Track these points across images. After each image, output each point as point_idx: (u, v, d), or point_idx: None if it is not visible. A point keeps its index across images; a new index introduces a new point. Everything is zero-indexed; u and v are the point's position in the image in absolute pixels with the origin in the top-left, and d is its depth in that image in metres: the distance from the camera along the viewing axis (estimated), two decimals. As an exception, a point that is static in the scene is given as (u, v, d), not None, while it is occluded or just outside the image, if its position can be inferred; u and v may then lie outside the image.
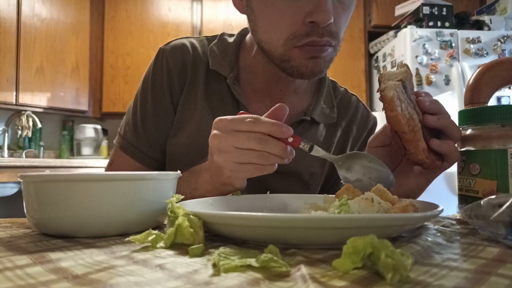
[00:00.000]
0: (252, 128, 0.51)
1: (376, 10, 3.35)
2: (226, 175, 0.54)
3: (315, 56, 0.65)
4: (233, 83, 0.75)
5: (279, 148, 0.51)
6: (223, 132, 0.52)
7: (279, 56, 0.67)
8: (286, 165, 0.76)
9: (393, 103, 0.49)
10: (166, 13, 3.23)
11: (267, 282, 0.25)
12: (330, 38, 0.65)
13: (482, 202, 0.38)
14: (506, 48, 2.84)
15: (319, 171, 0.81)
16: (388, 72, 0.55)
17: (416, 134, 0.51)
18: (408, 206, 0.41)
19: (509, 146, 0.47)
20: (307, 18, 0.62)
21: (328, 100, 0.83)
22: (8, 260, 0.29)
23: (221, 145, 0.52)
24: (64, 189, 0.38)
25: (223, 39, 0.81)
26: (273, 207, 0.53)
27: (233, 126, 0.52)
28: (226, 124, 0.52)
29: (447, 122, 0.53)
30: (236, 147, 0.51)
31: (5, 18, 2.49)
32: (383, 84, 0.52)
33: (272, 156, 0.51)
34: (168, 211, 0.38)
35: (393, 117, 0.50)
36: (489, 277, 0.25)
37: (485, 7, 3.28)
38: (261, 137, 0.51)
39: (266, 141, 0.51)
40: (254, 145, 0.50)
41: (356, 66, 3.35)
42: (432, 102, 0.54)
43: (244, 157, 0.52)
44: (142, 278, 0.25)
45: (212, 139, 0.54)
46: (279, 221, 0.32)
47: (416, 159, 0.52)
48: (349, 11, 0.70)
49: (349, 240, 0.27)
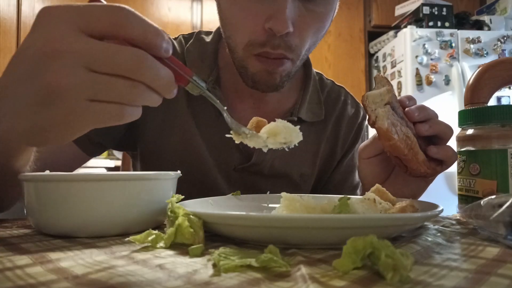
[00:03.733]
0: (118, 31, 0.31)
1: (376, 10, 3.35)
2: (57, 115, 0.31)
3: (269, 70, 0.61)
4: (213, 88, 0.69)
5: (165, 76, 0.33)
6: (64, 33, 0.30)
7: (239, 60, 0.63)
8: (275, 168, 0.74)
9: (389, 132, 0.48)
10: (166, 13, 3.23)
11: (267, 282, 0.25)
12: (285, 51, 0.58)
13: (482, 202, 0.38)
14: (506, 48, 2.84)
15: (309, 171, 0.78)
16: (371, 93, 0.51)
17: (414, 149, 0.51)
18: (408, 207, 0.41)
19: (509, 146, 0.47)
20: (266, 24, 0.56)
21: (315, 96, 0.79)
22: (8, 260, 0.29)
23: (62, 59, 0.30)
24: (64, 189, 0.38)
25: (200, 39, 0.76)
26: (273, 207, 0.53)
27: (85, 22, 0.31)
28: (70, 16, 0.31)
29: (439, 127, 0.54)
30: (91, 68, 0.31)
31: (5, 18, 2.49)
32: (370, 110, 0.49)
33: (148, 90, 0.33)
34: (168, 211, 0.38)
35: (391, 145, 0.49)
36: (489, 277, 0.25)
37: (485, 7, 3.28)
38: (135, 51, 0.31)
39: (146, 61, 0.32)
40: (127, 66, 0.31)
41: (356, 66, 3.35)
42: (419, 109, 0.54)
43: (104, 87, 0.31)
44: (142, 278, 0.25)
45: (42, 43, 0.30)
46: (279, 221, 0.32)
47: (419, 173, 0.52)
48: (322, 22, 0.61)
49: (349, 240, 0.27)
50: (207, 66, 0.72)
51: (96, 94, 0.31)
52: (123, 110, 0.33)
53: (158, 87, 0.33)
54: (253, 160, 0.71)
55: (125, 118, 0.33)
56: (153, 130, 0.71)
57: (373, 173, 0.60)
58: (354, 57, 3.35)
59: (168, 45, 0.33)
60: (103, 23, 0.31)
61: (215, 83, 0.71)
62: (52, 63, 0.30)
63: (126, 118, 0.33)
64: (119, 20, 0.31)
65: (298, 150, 0.75)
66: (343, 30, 3.34)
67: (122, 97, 0.32)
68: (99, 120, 0.33)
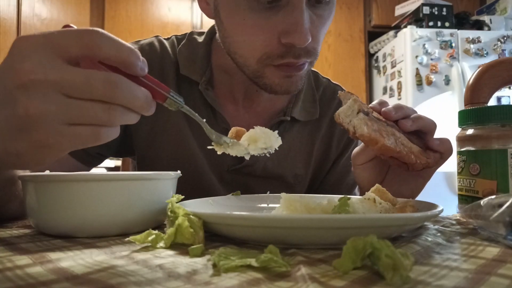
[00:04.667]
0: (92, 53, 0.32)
1: (376, 10, 3.35)
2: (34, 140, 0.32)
3: (291, 75, 0.61)
4: (205, 89, 0.69)
5: (141, 96, 0.34)
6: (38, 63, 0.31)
7: (252, 72, 0.62)
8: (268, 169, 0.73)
9: (372, 136, 0.48)
10: (166, 13, 3.23)
11: (267, 282, 0.25)
12: (307, 57, 0.59)
13: (482, 202, 0.38)
14: (506, 48, 2.84)
15: (303, 172, 0.77)
16: (340, 111, 0.51)
17: (405, 144, 0.51)
18: (408, 207, 0.41)
19: (509, 146, 0.47)
20: (282, 38, 0.56)
21: (310, 94, 0.78)
22: (8, 260, 0.29)
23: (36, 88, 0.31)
24: (64, 189, 0.38)
25: (192, 39, 0.75)
26: (273, 207, 0.53)
27: (59, 48, 0.31)
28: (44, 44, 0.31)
29: (422, 121, 0.54)
30: (66, 94, 0.31)
31: (5, 18, 2.49)
32: (346, 124, 0.50)
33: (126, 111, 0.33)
34: (168, 211, 0.38)
35: (380, 148, 0.49)
36: (489, 277, 0.25)
37: (485, 7, 3.28)
38: (109, 75, 0.32)
39: (120, 84, 0.32)
40: (102, 91, 0.31)
41: (356, 66, 3.35)
42: (396, 108, 0.54)
43: (79, 111, 0.32)
44: (142, 278, 0.25)
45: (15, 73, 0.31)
46: (279, 221, 0.32)
47: (420, 165, 0.52)
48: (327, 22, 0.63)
49: (349, 240, 0.27)
50: (200, 67, 0.71)
51: (72, 118, 0.32)
52: (100, 132, 0.33)
53: (135, 107, 0.34)
54: (245, 162, 0.71)
55: (102, 139, 0.34)
56: (146, 134, 0.71)
57: (369, 177, 0.60)
58: (354, 57, 3.35)
59: (143, 64, 0.34)
60: (77, 48, 0.32)
61: (207, 84, 0.70)
62: (26, 92, 0.31)
63: (103, 139, 0.34)
64: (91, 42, 0.32)
65: (291, 151, 0.76)
66: (343, 30, 3.34)
67: (98, 120, 0.33)
68: (76, 143, 0.33)
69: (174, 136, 0.70)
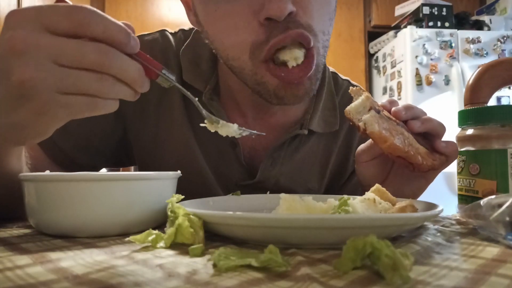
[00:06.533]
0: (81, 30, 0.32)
1: (376, 10, 3.35)
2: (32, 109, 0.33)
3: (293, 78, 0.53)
4: (210, 99, 0.63)
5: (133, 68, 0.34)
6: (30, 31, 0.32)
7: (250, 74, 0.55)
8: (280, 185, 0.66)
9: (382, 134, 0.48)
10: (167, 13, 3.23)
11: (267, 282, 0.25)
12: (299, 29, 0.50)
13: (482, 202, 0.38)
14: (506, 48, 2.84)
15: (317, 186, 0.72)
16: (352, 106, 0.51)
17: (413, 144, 0.51)
18: (408, 207, 0.41)
19: (509, 146, 0.47)
20: (261, 15, 0.49)
21: (329, 100, 0.70)
22: (8, 260, 0.29)
23: (28, 55, 0.31)
24: (64, 189, 0.38)
25: (198, 38, 0.67)
26: (273, 207, 0.53)
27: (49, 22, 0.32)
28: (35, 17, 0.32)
29: (431, 124, 0.54)
30: (58, 62, 0.32)
31: (5, 18, 2.49)
32: (356, 120, 0.50)
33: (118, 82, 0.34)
34: (168, 211, 0.38)
35: (389, 146, 0.49)
36: (489, 277, 0.25)
37: (485, 7, 3.29)
38: (100, 45, 0.32)
39: (111, 54, 0.33)
40: (92, 59, 0.32)
41: (356, 66, 3.36)
42: (406, 109, 0.53)
43: (71, 80, 0.32)
44: (142, 278, 0.25)
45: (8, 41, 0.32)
46: (279, 221, 0.32)
47: (426, 166, 0.52)
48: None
49: (349, 240, 0.27)
50: (204, 72, 0.65)
51: (66, 87, 0.33)
52: (95, 102, 0.34)
53: (126, 79, 0.34)
54: (257, 178, 0.67)
55: (98, 109, 0.35)
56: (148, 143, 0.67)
57: (372, 175, 0.59)
58: (354, 57, 3.35)
59: (134, 41, 0.34)
60: (66, 23, 0.32)
61: (213, 93, 0.64)
62: (19, 60, 0.32)
63: (100, 109, 0.35)
64: (80, 19, 0.32)
65: (305, 164, 0.69)
66: (343, 30, 3.34)
67: (91, 89, 0.33)
68: (72, 112, 0.34)
69: (178, 147, 0.66)
